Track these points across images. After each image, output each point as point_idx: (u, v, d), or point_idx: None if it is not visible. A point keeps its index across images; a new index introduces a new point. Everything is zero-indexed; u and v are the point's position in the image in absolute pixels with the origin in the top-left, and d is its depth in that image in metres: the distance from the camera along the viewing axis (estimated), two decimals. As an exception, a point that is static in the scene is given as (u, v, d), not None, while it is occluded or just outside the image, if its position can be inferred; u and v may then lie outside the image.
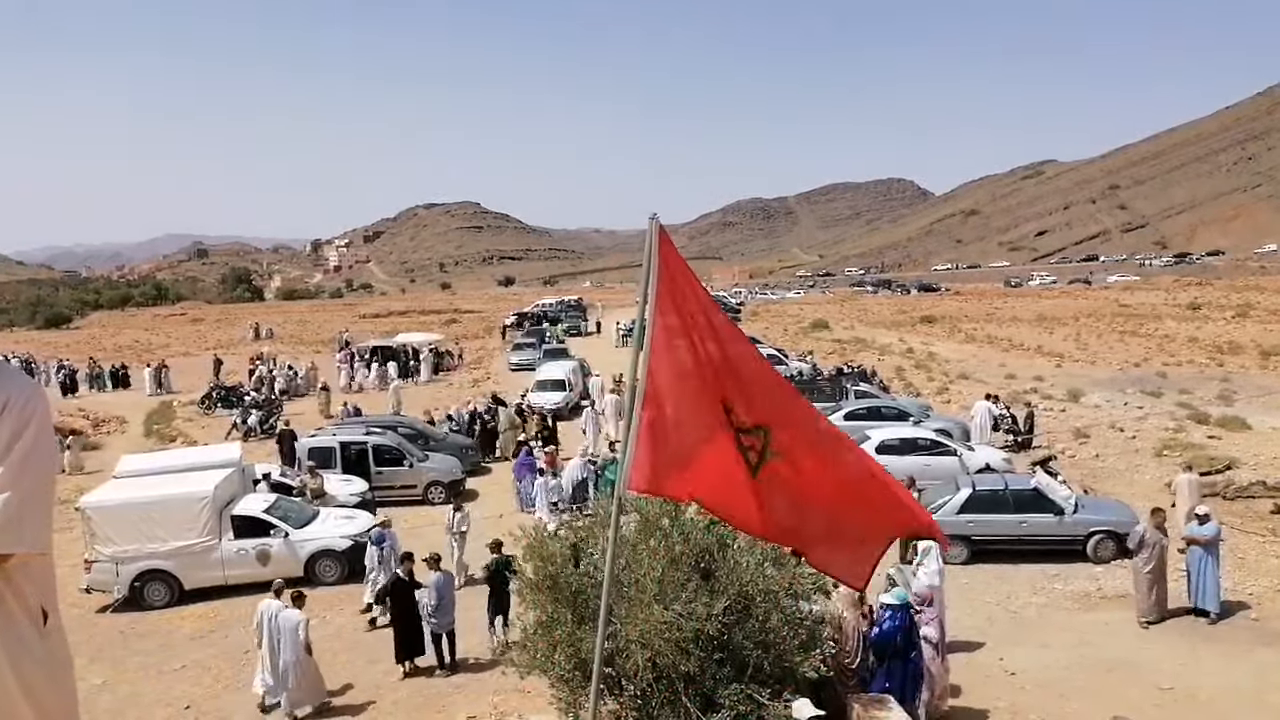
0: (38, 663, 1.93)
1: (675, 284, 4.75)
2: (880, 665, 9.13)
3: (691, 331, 4.70)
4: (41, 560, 1.99)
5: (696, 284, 4.86)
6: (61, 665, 2.05)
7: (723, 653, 7.74)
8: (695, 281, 4.87)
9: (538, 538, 8.60)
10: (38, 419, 1.92)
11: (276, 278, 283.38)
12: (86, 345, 64.24)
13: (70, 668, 2.12)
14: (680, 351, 4.74)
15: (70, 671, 2.11)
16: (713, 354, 4.69)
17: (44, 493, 1.93)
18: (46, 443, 1.95)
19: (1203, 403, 26.60)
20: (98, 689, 12.06)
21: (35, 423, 1.91)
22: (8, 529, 1.81)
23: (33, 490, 1.87)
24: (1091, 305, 68.23)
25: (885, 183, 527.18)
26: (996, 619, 12.69)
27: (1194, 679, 10.66)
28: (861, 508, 4.81)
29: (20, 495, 1.84)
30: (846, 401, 24.59)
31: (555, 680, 8.17)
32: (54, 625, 2.02)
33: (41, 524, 1.92)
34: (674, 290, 4.74)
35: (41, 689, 1.93)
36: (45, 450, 1.94)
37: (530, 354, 41.86)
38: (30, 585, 1.94)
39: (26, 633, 1.92)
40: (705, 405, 4.62)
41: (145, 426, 30.96)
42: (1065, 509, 14.77)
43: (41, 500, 1.92)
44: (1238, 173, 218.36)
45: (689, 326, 4.70)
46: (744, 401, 4.66)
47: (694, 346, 4.68)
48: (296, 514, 16.12)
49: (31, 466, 1.88)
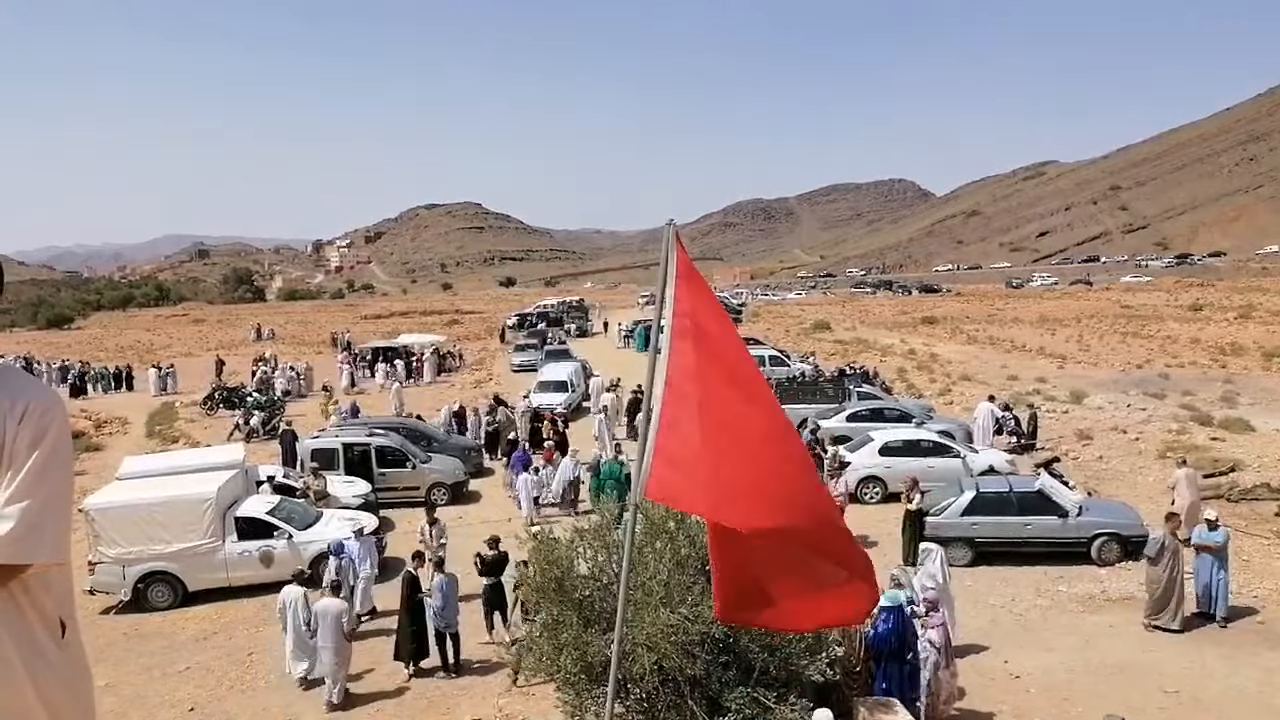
0: (56, 674, 1.92)
1: (689, 289, 4.74)
2: (877, 666, 9.14)
3: (702, 338, 4.68)
4: (60, 570, 1.98)
5: (707, 289, 4.84)
6: (80, 676, 2.04)
7: (729, 656, 7.74)
8: (706, 287, 4.85)
9: (543, 541, 8.60)
10: (56, 427, 1.92)
11: (278, 278, 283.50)
12: (88, 346, 64.32)
13: (89, 679, 2.10)
14: (688, 356, 4.71)
15: (89, 682, 2.10)
16: (718, 365, 4.68)
17: (63, 502, 1.92)
18: (65, 452, 1.94)
19: (1206, 404, 26.57)
20: (101, 690, 12.05)
21: (54, 431, 1.90)
22: (27, 538, 1.80)
23: (51, 499, 1.86)
24: (1093, 306, 68.19)
25: (886, 183, 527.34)
26: (1000, 621, 12.67)
27: (1199, 682, 10.64)
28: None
29: (39, 504, 1.83)
30: (849, 403, 24.57)
31: (561, 683, 8.17)
32: (72, 636, 2.01)
33: (60, 533, 1.91)
34: (687, 295, 4.73)
35: (59, 701, 1.92)
36: (63, 459, 1.93)
37: (532, 355, 41.93)
38: (48, 596, 1.93)
39: (45, 644, 1.91)
40: (715, 416, 4.58)
41: (147, 428, 30.95)
42: (1069, 511, 14.75)
43: (60, 509, 1.91)
44: (1239, 174, 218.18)
45: (700, 334, 4.68)
46: None
47: (704, 353, 4.66)
48: (299, 516, 16.12)
49: (50, 476, 1.87)
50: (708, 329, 4.66)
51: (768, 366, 32.84)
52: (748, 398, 4.63)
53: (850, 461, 18.51)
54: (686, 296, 4.72)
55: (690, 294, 4.73)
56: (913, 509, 14.56)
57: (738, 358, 4.75)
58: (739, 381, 4.64)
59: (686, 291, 4.73)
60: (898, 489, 16.81)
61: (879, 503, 18.23)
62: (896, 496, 16.68)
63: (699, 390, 4.54)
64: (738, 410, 4.55)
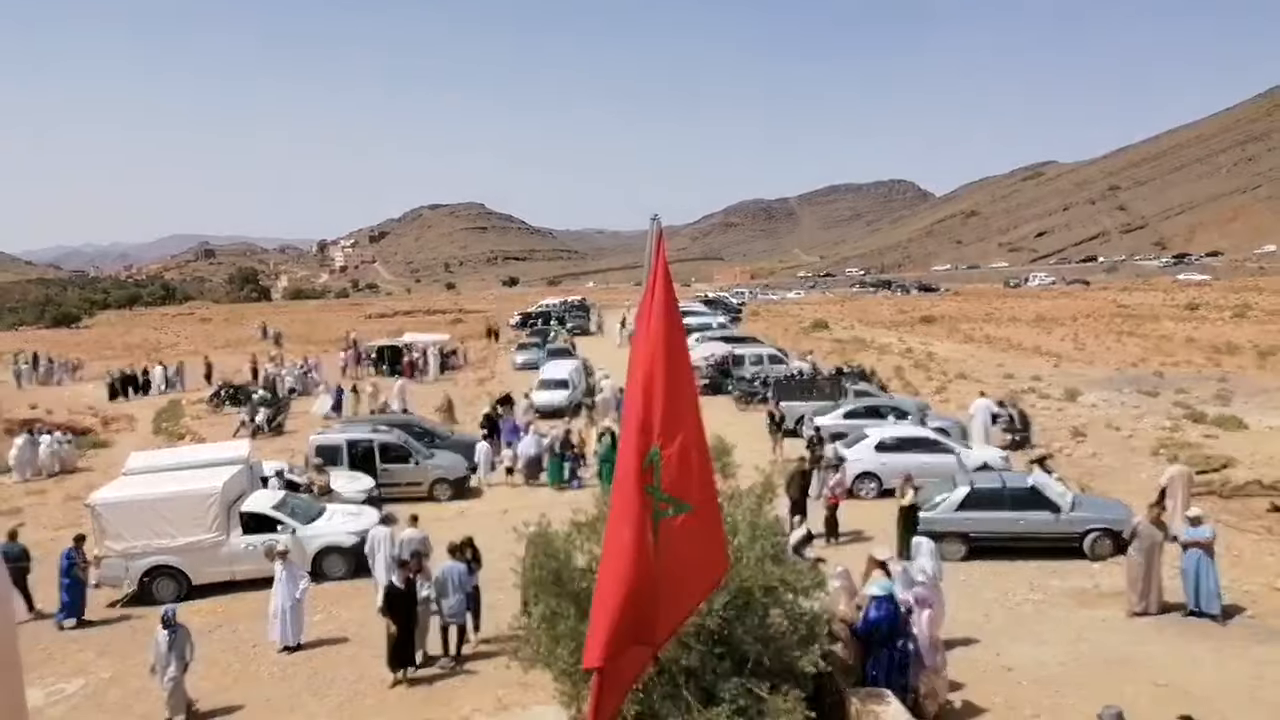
0: None
1: (657, 285, 5.02)
2: (868, 654, 9.29)
3: (646, 333, 5.00)
4: None
5: (668, 286, 5.09)
6: None
7: (723, 647, 7.87)
8: (668, 284, 5.11)
9: (541, 532, 8.75)
10: None
11: (283, 278, 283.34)
12: (95, 344, 64.46)
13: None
14: (641, 349, 5.02)
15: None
16: (654, 358, 4.96)
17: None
18: None
19: (1199, 402, 26.72)
20: (106, 683, 12.25)
21: None
22: None
23: None
24: (1090, 306, 68.27)
25: (886, 184, 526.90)
26: (994, 615, 12.83)
27: (1189, 675, 10.79)
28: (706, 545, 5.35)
29: None
30: (845, 400, 24.77)
31: (558, 674, 8.32)
32: None
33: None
34: (654, 290, 5.02)
35: None
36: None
37: (534, 354, 42.11)
38: None
39: None
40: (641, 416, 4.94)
41: (154, 424, 31.16)
42: (1062, 507, 14.93)
43: None
44: (1237, 174, 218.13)
45: (648, 328, 4.99)
46: (659, 410, 4.96)
47: (647, 347, 4.98)
48: (303, 510, 16.30)
49: None
50: (652, 326, 4.97)
51: (766, 365, 33.07)
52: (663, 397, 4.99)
53: (846, 458, 18.71)
54: (651, 289, 5.00)
55: (656, 288, 5.00)
56: (906, 504, 14.74)
57: (671, 358, 5.06)
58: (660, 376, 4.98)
59: (653, 285, 5.01)
60: (893, 485, 16.99)
61: (875, 498, 18.41)
62: (892, 492, 16.86)
63: None
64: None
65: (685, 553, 5.11)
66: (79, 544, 14.48)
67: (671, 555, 4.95)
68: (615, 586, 4.67)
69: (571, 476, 21.03)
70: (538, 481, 21.28)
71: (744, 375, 32.01)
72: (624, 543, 4.72)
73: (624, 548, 4.71)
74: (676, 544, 4.99)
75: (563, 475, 21.01)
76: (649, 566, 4.76)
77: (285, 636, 12.74)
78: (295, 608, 12.78)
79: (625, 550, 4.70)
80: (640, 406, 4.91)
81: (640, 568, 4.70)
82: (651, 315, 4.99)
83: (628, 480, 4.80)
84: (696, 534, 5.21)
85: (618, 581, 4.68)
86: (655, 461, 4.89)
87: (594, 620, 4.73)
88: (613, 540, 4.83)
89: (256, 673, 12.33)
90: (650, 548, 4.81)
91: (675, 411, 4.99)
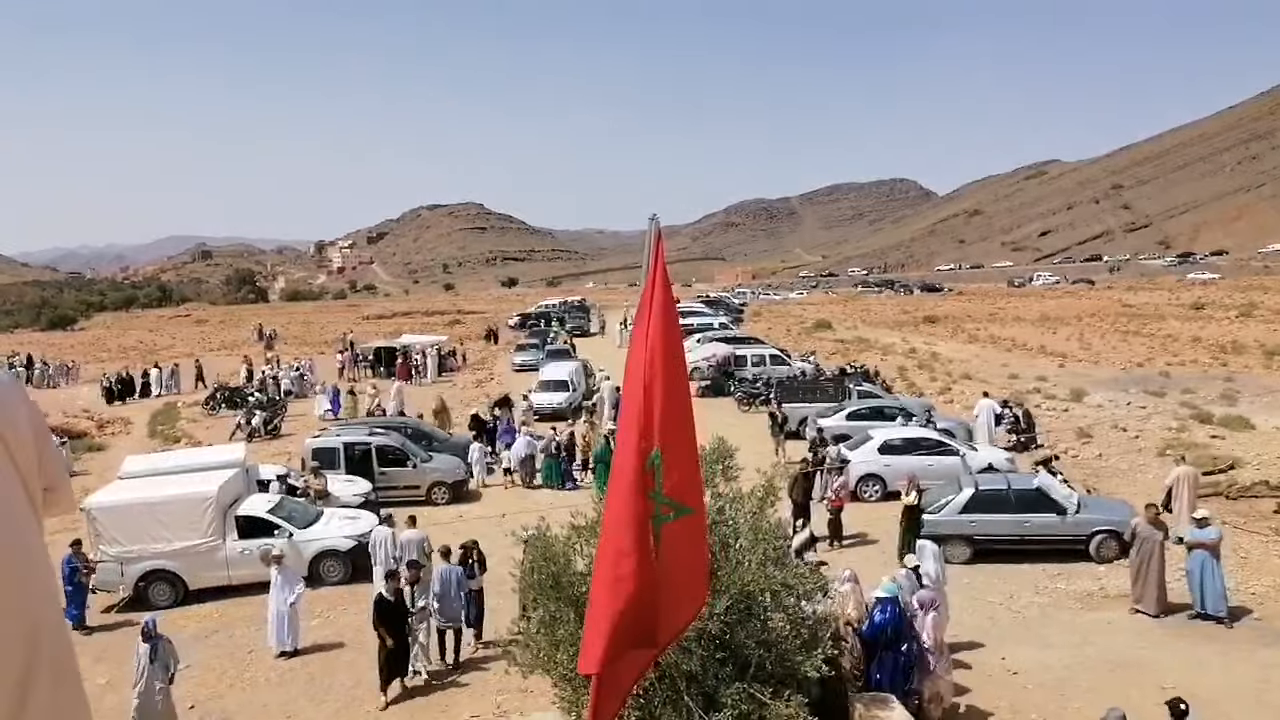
0: None
1: (655, 285, 4.92)
2: (872, 657, 9.17)
3: (645, 335, 4.90)
4: None
5: (666, 287, 4.99)
6: None
7: (725, 652, 7.76)
8: (666, 285, 5.01)
9: (540, 536, 8.63)
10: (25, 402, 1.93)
11: (280, 279, 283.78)
12: (91, 347, 64.43)
13: None
14: (639, 350, 4.93)
15: None
16: (653, 360, 4.86)
17: None
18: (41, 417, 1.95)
19: (1206, 402, 26.57)
20: (102, 688, 12.11)
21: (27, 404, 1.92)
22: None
23: None
24: (1095, 305, 68.12)
25: (888, 183, 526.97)
26: (999, 618, 12.71)
27: (1196, 679, 10.66)
28: None
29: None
30: (849, 401, 24.61)
31: (558, 679, 8.20)
32: None
33: None
34: (652, 290, 4.92)
35: None
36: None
37: (533, 355, 41.97)
38: None
39: None
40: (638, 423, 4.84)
41: (150, 427, 31.05)
42: (1068, 509, 14.78)
43: None
44: (1241, 173, 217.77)
45: (647, 329, 4.89)
46: (659, 412, 4.85)
47: (645, 349, 4.87)
48: (300, 514, 16.17)
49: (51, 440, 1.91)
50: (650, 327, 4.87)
51: (768, 365, 32.93)
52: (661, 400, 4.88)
53: (850, 459, 18.56)
54: (649, 289, 4.90)
55: (654, 288, 4.90)
56: (910, 503, 14.60)
57: (668, 363, 4.96)
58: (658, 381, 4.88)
59: (651, 285, 4.90)
60: (897, 487, 16.86)
61: (878, 500, 18.27)
62: (897, 494, 16.73)
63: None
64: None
65: (685, 556, 5.02)
66: (77, 549, 14.35)
67: (672, 559, 4.85)
68: (613, 591, 4.59)
69: (567, 478, 20.92)
70: (536, 484, 21.21)
71: (746, 376, 31.88)
72: (623, 547, 4.62)
73: (623, 552, 4.61)
74: (678, 547, 4.90)
75: (560, 478, 20.95)
76: (650, 571, 4.67)
77: (282, 641, 12.61)
78: (291, 612, 12.65)
79: (625, 554, 4.60)
80: (639, 409, 4.80)
81: (641, 572, 4.61)
82: (650, 316, 4.88)
83: (627, 484, 4.69)
84: (696, 536, 5.12)
85: (616, 586, 4.59)
86: (656, 465, 4.77)
87: (590, 625, 4.66)
88: (609, 544, 4.73)
89: (253, 678, 12.22)
90: (651, 552, 4.71)
91: (674, 413, 4.88)
